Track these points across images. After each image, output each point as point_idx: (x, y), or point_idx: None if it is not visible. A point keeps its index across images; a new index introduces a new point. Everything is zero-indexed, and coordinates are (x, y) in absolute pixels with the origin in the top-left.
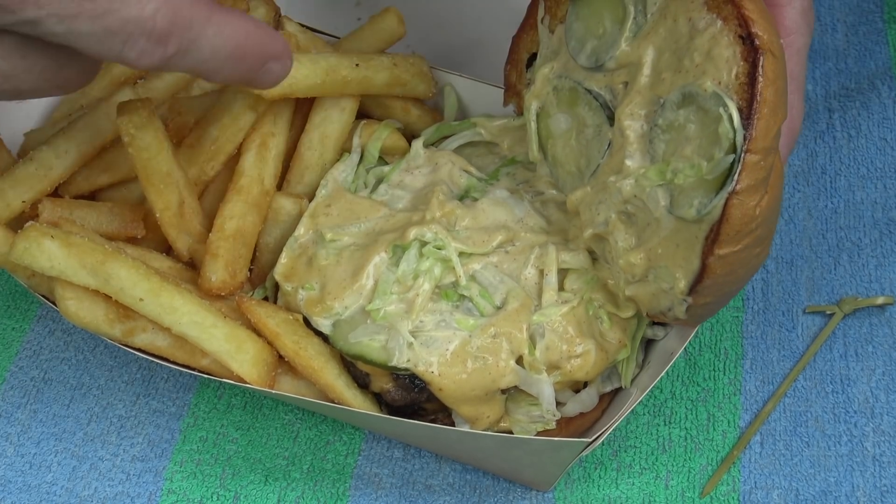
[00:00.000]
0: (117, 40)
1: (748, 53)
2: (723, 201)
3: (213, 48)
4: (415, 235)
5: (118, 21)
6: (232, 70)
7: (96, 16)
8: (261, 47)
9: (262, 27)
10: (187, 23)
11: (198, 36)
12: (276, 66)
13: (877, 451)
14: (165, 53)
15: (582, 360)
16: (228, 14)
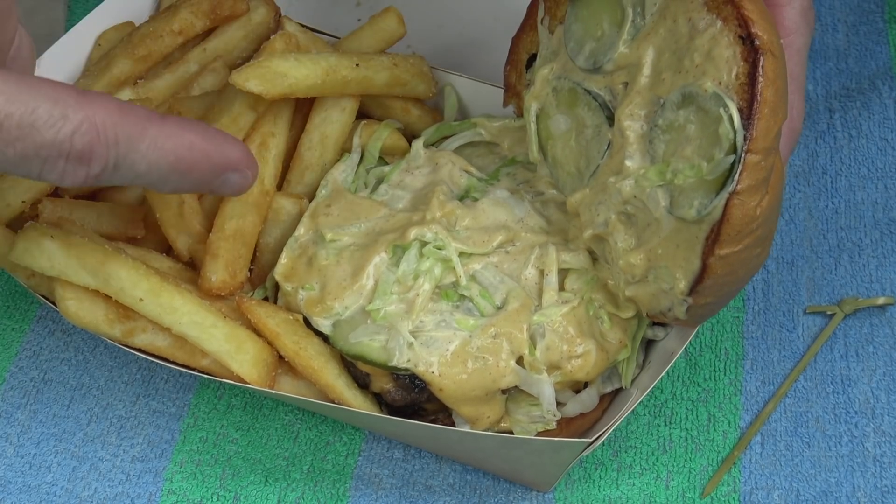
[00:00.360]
0: (34, 164)
1: (748, 54)
2: (723, 202)
3: (149, 163)
4: (415, 236)
5: (31, 146)
6: (178, 183)
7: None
8: (209, 159)
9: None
10: (113, 140)
11: (128, 152)
12: (236, 177)
13: (877, 451)
14: (90, 172)
15: (582, 360)
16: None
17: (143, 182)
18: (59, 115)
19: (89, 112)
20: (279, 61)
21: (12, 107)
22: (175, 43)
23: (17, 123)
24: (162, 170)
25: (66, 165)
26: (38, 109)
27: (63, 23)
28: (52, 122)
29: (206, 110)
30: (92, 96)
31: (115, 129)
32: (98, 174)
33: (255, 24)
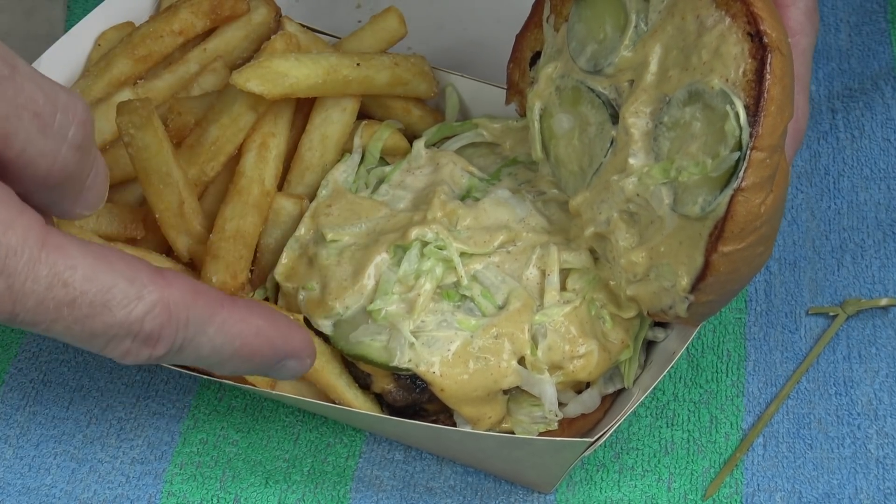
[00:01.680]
0: (99, 341)
1: (756, 51)
2: (728, 198)
3: (213, 347)
4: (416, 236)
5: (101, 325)
6: (238, 366)
7: (75, 321)
8: (273, 347)
9: (279, 323)
10: (184, 323)
11: (195, 335)
12: (294, 364)
13: (880, 453)
14: (154, 353)
15: (584, 360)
16: (239, 309)
17: (202, 364)
18: (133, 294)
19: (164, 293)
20: (280, 61)
21: (88, 285)
22: (175, 43)
23: (91, 301)
24: (225, 354)
25: (131, 345)
26: (113, 289)
27: (62, 23)
28: (125, 301)
29: (207, 110)
30: (167, 276)
31: (187, 311)
32: (161, 356)
33: (256, 25)
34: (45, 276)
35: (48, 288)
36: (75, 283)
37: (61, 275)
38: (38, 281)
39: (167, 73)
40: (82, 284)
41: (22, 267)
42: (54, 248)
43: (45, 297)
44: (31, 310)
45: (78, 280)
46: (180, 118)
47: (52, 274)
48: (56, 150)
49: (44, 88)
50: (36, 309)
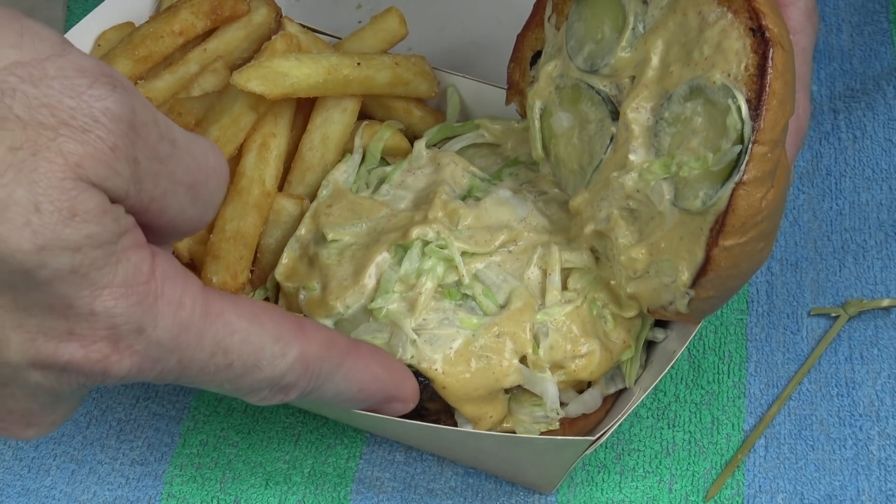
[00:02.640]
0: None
1: (758, 45)
2: (729, 192)
3: (336, 391)
4: (417, 235)
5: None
6: (350, 405)
7: (228, 380)
8: (386, 392)
9: (395, 370)
10: (316, 373)
11: (324, 382)
12: (399, 406)
13: (882, 454)
14: (286, 398)
15: (586, 359)
16: (363, 357)
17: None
18: (279, 352)
19: (304, 347)
20: (280, 61)
21: (245, 348)
22: (175, 43)
23: (244, 363)
24: (345, 398)
25: (269, 393)
26: (263, 350)
27: (62, 23)
28: (272, 361)
29: (207, 111)
30: (307, 329)
31: (320, 364)
32: (290, 399)
33: (256, 25)
34: (209, 346)
35: (211, 356)
36: (233, 349)
37: (222, 343)
38: (203, 350)
39: (167, 73)
40: (239, 349)
41: (192, 341)
42: (216, 317)
43: (207, 364)
44: (193, 376)
45: (236, 345)
46: (180, 119)
47: (214, 343)
48: (202, 215)
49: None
50: (197, 375)
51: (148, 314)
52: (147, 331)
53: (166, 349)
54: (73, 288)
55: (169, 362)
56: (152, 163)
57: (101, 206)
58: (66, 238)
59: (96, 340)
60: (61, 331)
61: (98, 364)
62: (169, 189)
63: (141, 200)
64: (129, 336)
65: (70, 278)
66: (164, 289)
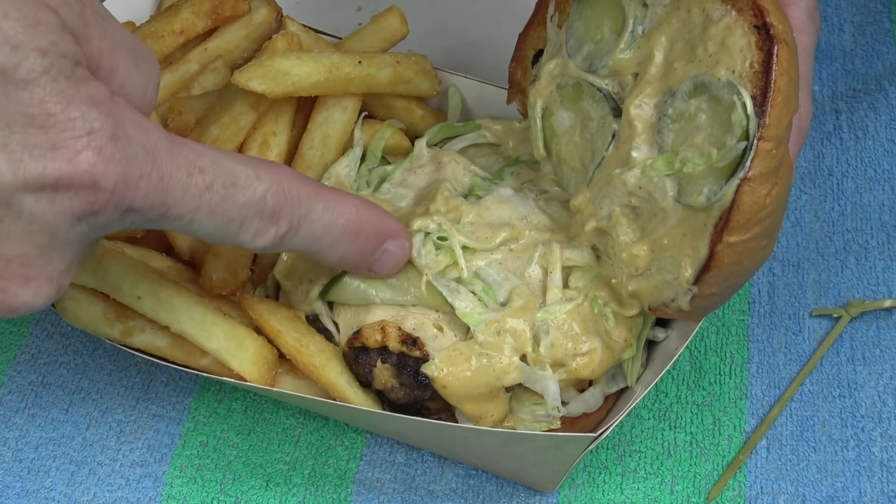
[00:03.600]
0: (234, 226)
1: (763, 42)
2: (734, 188)
3: (324, 224)
4: (419, 227)
5: (235, 206)
6: (346, 248)
7: (215, 205)
8: (374, 224)
9: (372, 206)
10: (296, 199)
11: (308, 211)
12: (394, 246)
13: (884, 455)
14: (278, 232)
15: (588, 358)
16: (336, 192)
17: (316, 247)
18: (253, 174)
19: (276, 173)
20: (281, 60)
21: (217, 169)
22: (176, 43)
23: (223, 183)
24: (334, 232)
25: (259, 224)
26: (236, 170)
27: None
28: (249, 181)
29: (207, 110)
30: (271, 161)
31: (297, 188)
32: (284, 233)
33: (257, 24)
34: (184, 165)
35: (189, 175)
36: (207, 167)
37: (195, 161)
38: (180, 169)
39: (168, 72)
40: (213, 168)
41: (166, 158)
42: (181, 143)
43: (188, 185)
44: (179, 200)
45: (209, 165)
46: (181, 117)
47: (188, 162)
48: (146, 85)
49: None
50: (183, 198)
51: (119, 126)
52: (122, 140)
53: (145, 162)
54: (49, 91)
55: (152, 178)
56: (95, 14)
57: (58, 23)
58: (35, 41)
59: (80, 150)
60: (45, 146)
61: (87, 175)
62: (114, 47)
63: (91, 49)
64: (108, 144)
65: (44, 80)
66: (127, 112)
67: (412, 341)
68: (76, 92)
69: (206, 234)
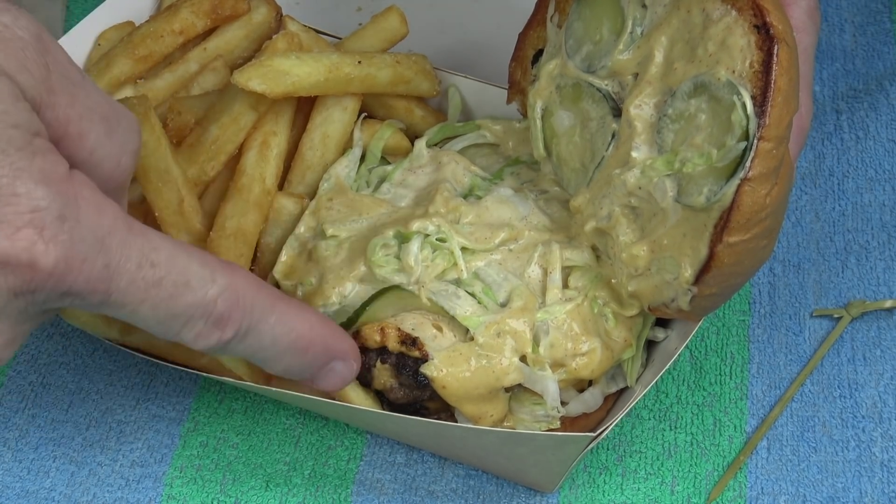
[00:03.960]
0: (178, 323)
1: (763, 42)
2: (734, 188)
3: (273, 336)
4: (418, 228)
5: (181, 305)
6: (291, 361)
7: (160, 300)
8: (325, 342)
9: (329, 324)
10: (248, 307)
11: (258, 322)
12: (341, 366)
13: (885, 456)
14: (223, 337)
15: (588, 358)
16: (294, 305)
17: (260, 356)
18: (208, 276)
19: (233, 279)
20: (281, 60)
21: (171, 265)
22: (176, 43)
23: (174, 282)
24: (282, 346)
25: (203, 327)
26: (190, 270)
27: (61, 22)
28: (201, 283)
29: (207, 110)
30: (232, 266)
31: (252, 297)
32: (228, 340)
33: (256, 24)
34: (135, 256)
35: (138, 267)
36: (161, 262)
37: (149, 255)
38: (129, 260)
39: (167, 72)
40: (166, 265)
41: (116, 246)
42: (139, 232)
43: (135, 277)
44: (123, 290)
45: (163, 261)
46: (180, 118)
47: (141, 254)
48: (120, 154)
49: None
50: (127, 289)
51: (69, 206)
52: (70, 221)
53: (92, 248)
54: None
55: (96, 265)
56: (64, 80)
57: (12, 91)
58: None
59: (20, 227)
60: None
61: (24, 253)
62: (84, 115)
63: (57, 116)
64: (52, 224)
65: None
66: (83, 192)
67: (411, 341)
68: (27, 165)
69: (147, 326)
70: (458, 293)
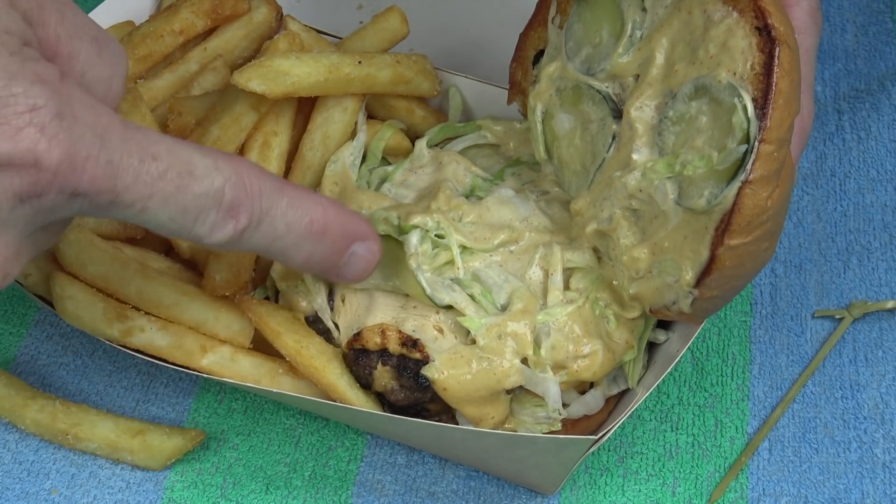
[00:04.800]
0: (189, 217)
1: (764, 44)
2: (735, 190)
3: (287, 221)
4: (418, 223)
5: (190, 197)
6: (312, 249)
7: (168, 194)
8: (341, 225)
9: (340, 206)
10: (257, 192)
11: (270, 206)
12: (362, 249)
13: (887, 457)
14: (237, 226)
15: (589, 360)
16: (302, 190)
17: (279, 246)
18: (211, 165)
19: (236, 165)
20: (281, 60)
21: (173, 157)
22: (176, 43)
23: (178, 172)
24: (299, 231)
25: (216, 217)
26: (193, 160)
27: None
28: (206, 172)
29: (208, 110)
30: (234, 155)
31: (258, 182)
32: (244, 228)
33: (257, 24)
34: (136, 150)
35: (141, 161)
36: (162, 155)
37: (149, 149)
38: (131, 155)
39: (167, 72)
40: (168, 157)
41: (116, 142)
42: (135, 129)
43: (140, 171)
44: (129, 186)
45: (163, 153)
46: (181, 118)
47: (141, 148)
48: (111, 76)
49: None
50: (134, 185)
51: (65, 104)
52: (68, 119)
53: (92, 144)
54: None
55: (99, 161)
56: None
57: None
58: None
59: (21, 127)
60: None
61: (28, 153)
62: (74, 34)
63: (47, 34)
64: (52, 122)
65: None
66: (77, 93)
67: (412, 343)
68: (20, 68)
69: (160, 225)
70: (454, 288)
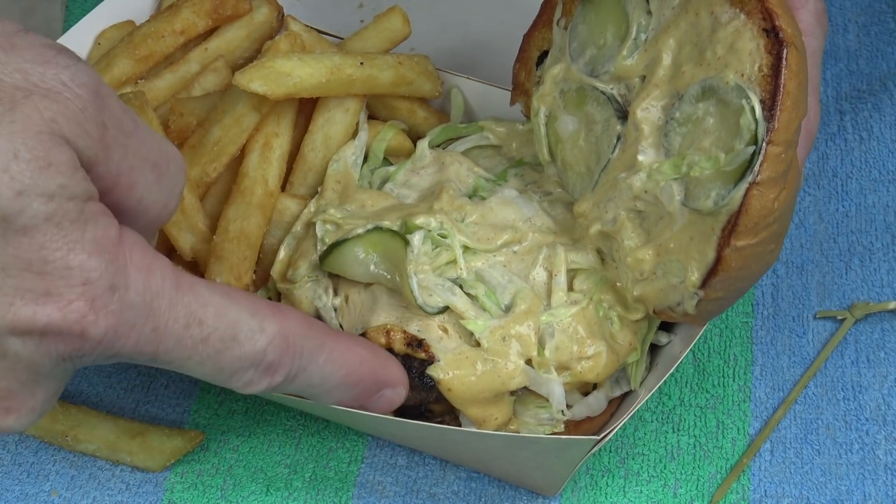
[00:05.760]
0: (225, 374)
1: (772, 46)
2: (742, 192)
3: (322, 375)
4: (421, 223)
5: (229, 359)
6: (342, 395)
7: (207, 356)
8: (375, 375)
9: (379, 354)
10: (298, 351)
11: (308, 363)
12: (391, 393)
13: (889, 459)
14: (272, 382)
15: (593, 361)
16: (344, 340)
17: (310, 392)
18: (257, 327)
19: (283, 324)
20: (283, 61)
21: (219, 321)
22: (177, 43)
23: (221, 337)
24: (332, 382)
25: (253, 375)
26: (239, 323)
27: (60, 22)
28: (250, 335)
29: (209, 111)
30: (283, 308)
31: (301, 341)
32: (278, 384)
33: (258, 24)
34: (182, 316)
35: (186, 327)
36: (208, 320)
37: (196, 314)
38: (177, 321)
39: (168, 72)
40: (214, 321)
41: (165, 308)
42: (188, 289)
43: (182, 336)
44: (170, 350)
45: (210, 317)
46: (182, 119)
47: (188, 313)
48: (168, 198)
49: (157, 140)
50: (174, 349)
51: (119, 274)
52: (120, 290)
53: (140, 314)
54: (49, 238)
55: (144, 330)
56: (118, 133)
57: (72, 161)
58: (42, 185)
59: (73, 300)
60: (38, 292)
61: (76, 325)
62: (136, 165)
63: (109, 171)
64: (103, 295)
65: (46, 227)
66: (133, 255)
67: (417, 343)
68: (80, 237)
69: (195, 375)
70: (454, 290)
